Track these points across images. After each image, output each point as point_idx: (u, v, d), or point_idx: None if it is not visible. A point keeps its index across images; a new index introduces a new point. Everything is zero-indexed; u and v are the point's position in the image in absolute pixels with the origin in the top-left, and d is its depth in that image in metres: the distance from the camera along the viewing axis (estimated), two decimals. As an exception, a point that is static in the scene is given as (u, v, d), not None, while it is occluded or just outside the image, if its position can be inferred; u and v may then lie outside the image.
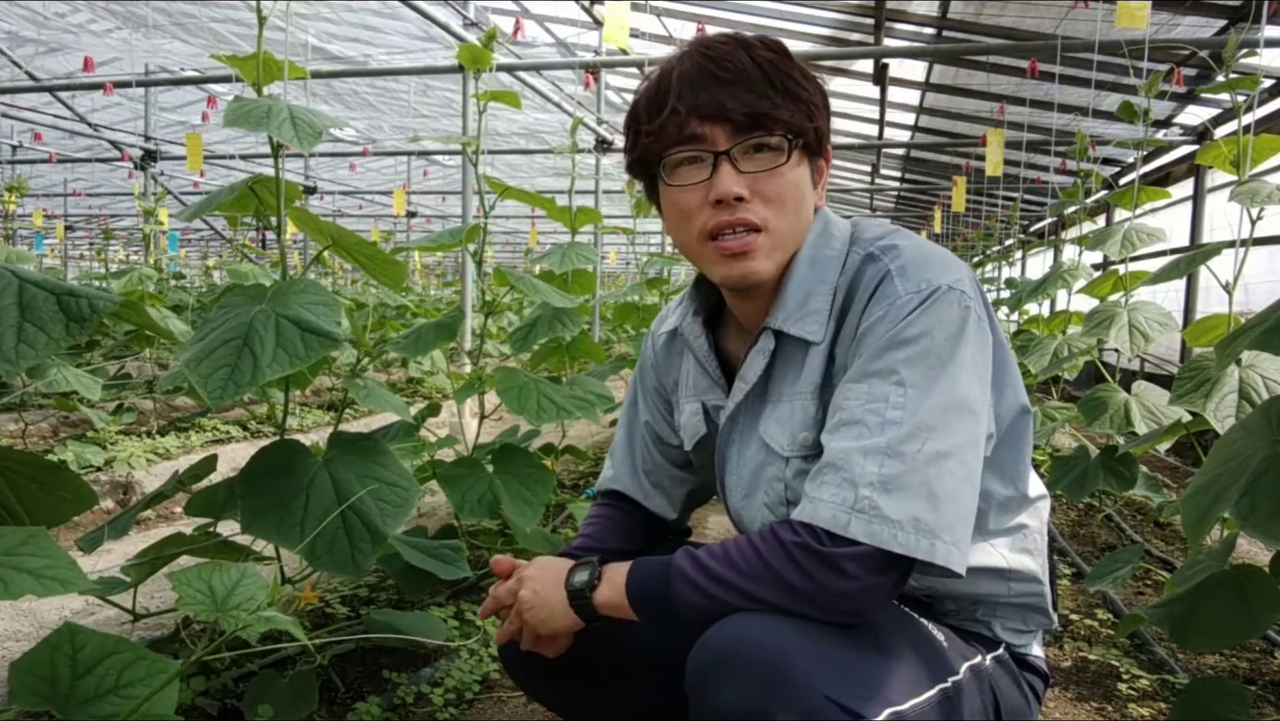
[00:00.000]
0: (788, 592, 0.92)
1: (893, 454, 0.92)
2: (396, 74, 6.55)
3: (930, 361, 0.95)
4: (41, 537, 0.97)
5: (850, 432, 0.95)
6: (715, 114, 1.00)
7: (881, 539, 0.90)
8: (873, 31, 5.62)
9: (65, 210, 13.24)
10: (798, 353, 1.08)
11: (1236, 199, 1.98)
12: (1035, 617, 1.15)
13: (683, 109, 1.01)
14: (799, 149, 1.03)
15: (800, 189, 1.05)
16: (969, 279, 1.00)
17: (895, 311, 0.97)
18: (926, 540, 0.90)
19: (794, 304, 1.07)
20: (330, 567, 1.45)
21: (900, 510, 0.90)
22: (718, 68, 1.01)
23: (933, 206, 11.03)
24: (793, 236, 1.07)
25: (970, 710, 1.00)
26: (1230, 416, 1.74)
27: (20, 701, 0.94)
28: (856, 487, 0.92)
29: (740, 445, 1.16)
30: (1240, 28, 4.32)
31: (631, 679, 1.19)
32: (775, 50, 1.04)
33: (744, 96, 1.00)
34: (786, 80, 1.02)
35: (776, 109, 1.00)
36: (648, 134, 1.05)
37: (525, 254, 12.78)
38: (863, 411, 0.95)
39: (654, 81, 1.06)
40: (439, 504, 3.30)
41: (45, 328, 1.02)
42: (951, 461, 0.93)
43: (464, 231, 2.29)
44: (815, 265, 1.07)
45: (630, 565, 1.02)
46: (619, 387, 4.64)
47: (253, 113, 1.49)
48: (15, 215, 6.33)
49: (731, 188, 1.01)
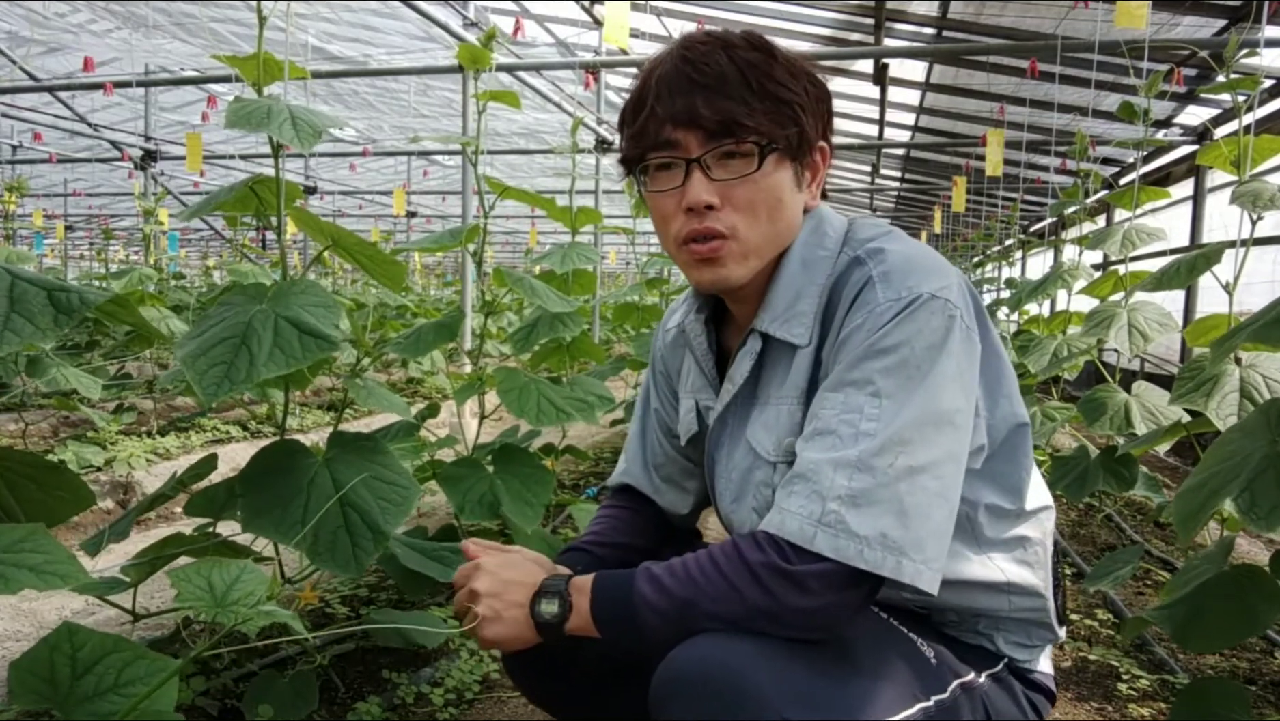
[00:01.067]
0: (750, 611, 0.90)
1: (863, 467, 0.90)
2: (396, 74, 6.55)
3: (908, 372, 0.92)
4: (41, 534, 0.98)
5: (822, 443, 0.93)
6: (688, 120, 0.99)
7: (847, 554, 0.88)
8: (873, 31, 5.62)
9: (65, 210, 13.24)
10: (784, 355, 1.06)
11: (1237, 201, 1.98)
12: (1039, 633, 1.12)
13: (660, 112, 1.00)
14: (775, 153, 1.01)
15: (775, 194, 1.02)
16: (957, 286, 0.97)
17: (874, 320, 0.95)
18: (894, 557, 0.88)
19: (781, 305, 1.05)
20: (332, 565, 1.45)
21: (868, 526, 0.88)
22: (695, 71, 0.99)
23: (933, 206, 11.04)
24: (768, 242, 1.04)
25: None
26: (1232, 415, 1.74)
27: (20, 700, 0.94)
28: (825, 500, 0.90)
29: (729, 447, 1.14)
30: (1240, 28, 4.32)
31: (627, 680, 1.18)
32: (759, 49, 1.01)
33: (718, 102, 0.98)
34: (766, 82, 0.99)
35: (751, 115, 0.98)
36: (631, 136, 1.05)
37: (525, 254, 12.78)
38: (836, 421, 0.93)
39: (639, 81, 1.05)
40: (439, 504, 3.30)
41: (33, 318, 1.04)
42: (925, 476, 0.91)
43: (464, 232, 2.29)
44: (807, 266, 1.05)
45: (592, 588, 0.98)
46: (619, 388, 4.64)
47: (253, 113, 1.49)
48: (15, 215, 6.33)
49: (701, 196, 1.00)
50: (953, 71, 6.60)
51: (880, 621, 1.04)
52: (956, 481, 0.94)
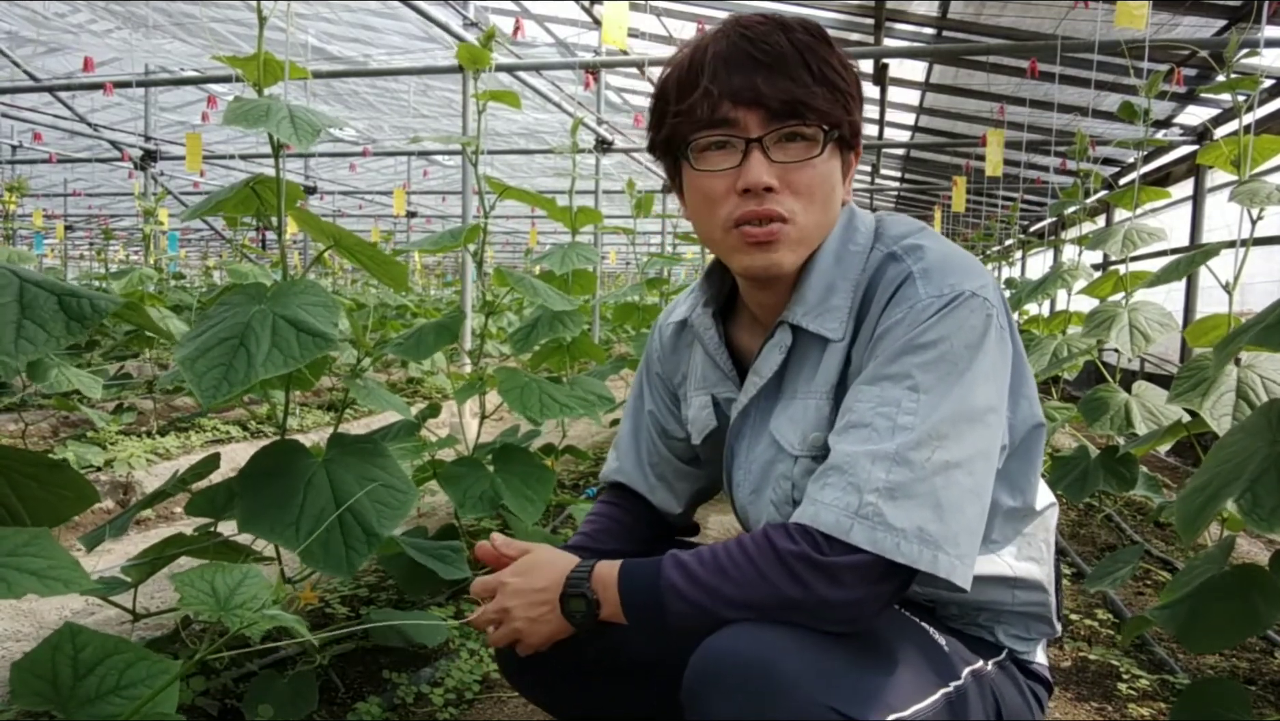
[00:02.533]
0: (780, 601, 0.90)
1: (901, 460, 0.89)
2: (396, 74, 6.55)
3: (947, 368, 0.92)
4: (44, 539, 0.98)
5: (858, 436, 0.93)
6: (750, 99, 0.96)
7: (884, 547, 0.88)
8: (873, 31, 5.62)
9: (65, 210, 13.25)
10: (814, 349, 1.05)
11: (1237, 199, 1.98)
12: (1038, 626, 1.13)
13: (716, 90, 0.97)
14: (834, 141, 1.00)
15: (831, 182, 1.01)
16: (993, 286, 0.98)
17: (915, 315, 0.94)
18: (930, 551, 0.88)
19: (815, 299, 1.03)
20: (324, 566, 1.45)
21: (905, 519, 0.88)
22: (754, 49, 0.96)
23: (933, 206, 11.04)
24: (819, 231, 1.03)
25: (973, 715, 0.98)
26: (1227, 415, 1.74)
27: (22, 701, 0.94)
28: (861, 492, 0.89)
29: (750, 440, 1.13)
30: (1240, 28, 4.32)
31: (626, 680, 1.18)
32: (815, 34, 0.99)
33: (780, 82, 0.95)
34: (825, 67, 0.97)
35: (814, 97, 0.96)
36: (675, 114, 1.01)
37: (525, 254, 12.78)
38: (873, 415, 0.93)
39: (685, 59, 1.01)
40: (439, 503, 3.31)
41: (45, 325, 1.02)
42: (960, 472, 0.90)
43: (464, 232, 2.29)
44: (840, 260, 1.04)
45: (619, 577, 0.98)
46: (619, 388, 4.64)
47: (252, 112, 1.49)
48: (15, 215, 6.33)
49: (762, 177, 0.97)
50: (953, 71, 6.60)
51: (896, 611, 1.05)
52: (989, 479, 0.95)
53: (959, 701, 0.97)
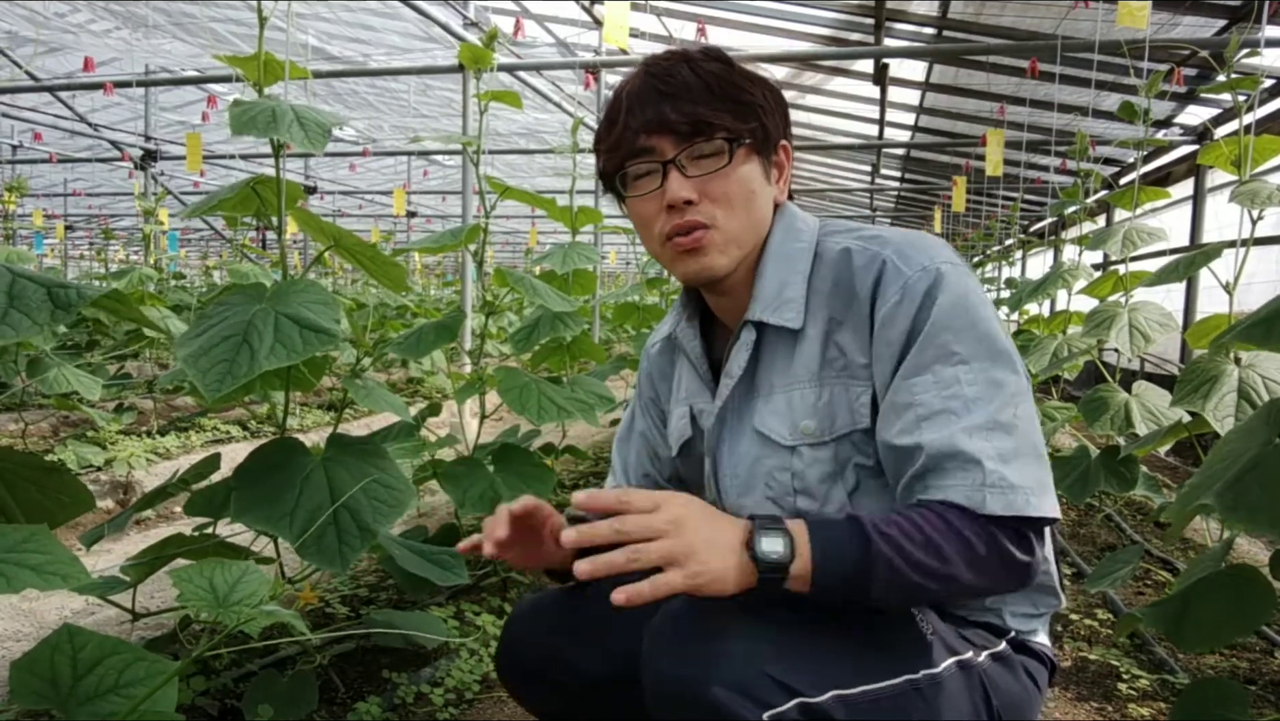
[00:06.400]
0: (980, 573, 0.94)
1: (994, 426, 0.96)
2: (396, 74, 6.55)
3: (974, 332, 1.00)
4: (43, 535, 0.98)
5: (940, 421, 0.97)
6: (660, 126, 1.07)
7: (1017, 506, 0.93)
8: (873, 31, 5.61)
9: (65, 210, 13.25)
10: (783, 343, 1.12)
11: (1237, 199, 1.98)
12: (1045, 600, 1.15)
13: (633, 124, 1.08)
14: (743, 148, 1.09)
15: (749, 186, 1.10)
16: (952, 251, 1.07)
17: (911, 292, 1.01)
18: (1050, 499, 0.95)
19: (770, 295, 1.11)
20: (317, 559, 1.46)
21: (1022, 476, 0.94)
22: (660, 83, 1.07)
23: (933, 206, 11.04)
24: (747, 231, 1.11)
25: (953, 708, 0.98)
26: (1229, 416, 1.74)
27: (21, 700, 0.94)
28: (982, 466, 0.94)
29: (731, 442, 1.17)
30: (1240, 28, 4.32)
31: (623, 681, 1.18)
32: (718, 60, 1.10)
33: (685, 107, 1.06)
34: (726, 87, 1.08)
35: (716, 115, 1.06)
36: (606, 151, 1.13)
37: (525, 254, 12.78)
38: (941, 400, 0.98)
39: (610, 101, 1.14)
40: (439, 503, 3.31)
41: (31, 313, 1.06)
42: (1024, 407, 0.99)
43: (464, 232, 2.29)
44: (788, 258, 1.12)
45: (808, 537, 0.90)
46: (619, 388, 4.64)
47: (258, 117, 1.49)
48: (15, 215, 6.33)
49: (680, 193, 1.07)
50: (953, 71, 6.60)
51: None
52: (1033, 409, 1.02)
53: (930, 690, 0.97)
